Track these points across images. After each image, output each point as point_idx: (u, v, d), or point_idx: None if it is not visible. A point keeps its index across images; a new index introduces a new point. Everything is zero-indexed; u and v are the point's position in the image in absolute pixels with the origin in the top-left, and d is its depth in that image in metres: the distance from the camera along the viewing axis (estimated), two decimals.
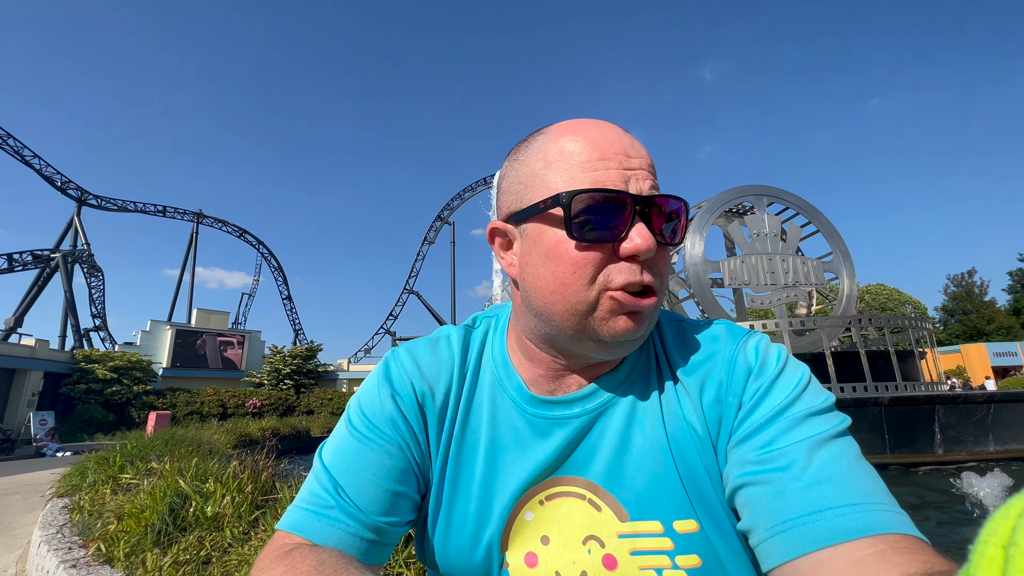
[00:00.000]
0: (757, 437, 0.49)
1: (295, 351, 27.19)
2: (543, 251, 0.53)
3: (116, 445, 5.41)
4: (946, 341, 37.10)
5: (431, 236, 34.86)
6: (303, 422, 14.65)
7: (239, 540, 2.39)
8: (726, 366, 0.55)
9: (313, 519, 0.53)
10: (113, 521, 2.74)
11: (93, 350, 22.79)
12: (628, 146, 0.52)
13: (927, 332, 10.17)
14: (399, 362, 0.63)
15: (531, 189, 0.54)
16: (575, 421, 0.57)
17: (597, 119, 0.55)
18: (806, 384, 0.52)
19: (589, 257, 0.50)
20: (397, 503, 0.56)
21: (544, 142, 0.54)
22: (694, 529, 0.51)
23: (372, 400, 0.61)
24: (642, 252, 0.49)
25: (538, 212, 0.52)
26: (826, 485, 0.44)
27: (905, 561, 0.37)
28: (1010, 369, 29.76)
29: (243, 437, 9.48)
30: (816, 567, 0.40)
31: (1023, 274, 39.84)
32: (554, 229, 0.52)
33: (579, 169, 0.51)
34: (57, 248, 26.81)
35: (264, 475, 2.86)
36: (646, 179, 0.51)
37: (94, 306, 27.55)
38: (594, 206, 0.49)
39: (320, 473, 0.57)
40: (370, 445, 0.57)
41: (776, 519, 0.44)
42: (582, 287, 0.51)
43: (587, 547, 0.54)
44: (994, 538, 0.15)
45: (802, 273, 11.09)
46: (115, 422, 19.75)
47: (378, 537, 0.54)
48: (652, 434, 0.55)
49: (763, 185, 11.90)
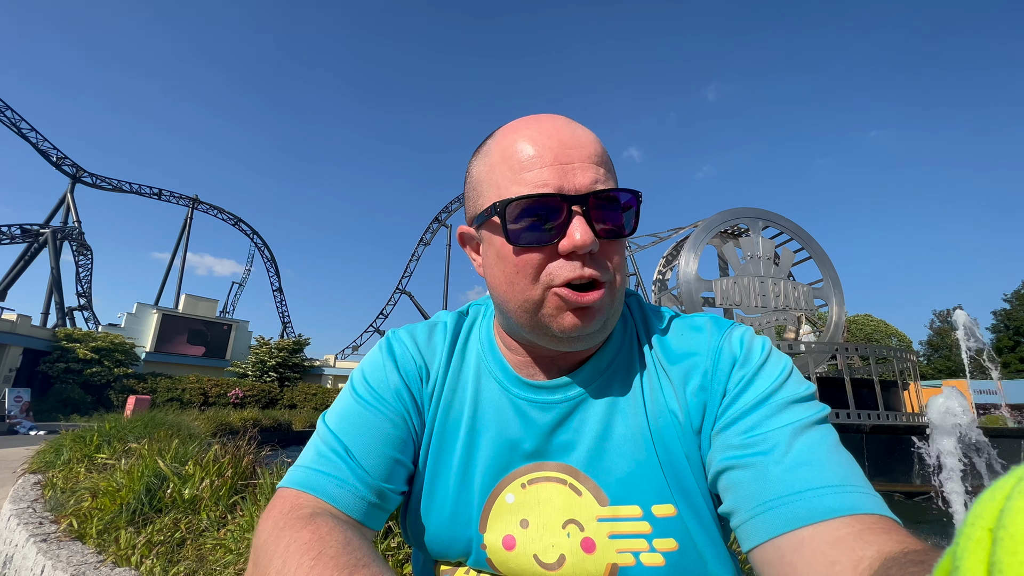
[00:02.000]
0: (741, 423, 0.51)
1: (282, 344, 26.92)
2: (494, 253, 0.55)
3: (94, 425, 5.32)
4: (929, 375, 37.56)
5: (427, 238, 34.87)
6: (285, 415, 14.46)
7: (215, 524, 2.36)
8: (711, 355, 0.56)
9: (323, 479, 0.53)
10: (87, 498, 2.69)
11: (76, 329, 22.43)
12: (567, 139, 0.52)
13: (911, 364, 10.30)
14: (400, 340, 0.65)
15: (481, 195, 0.56)
16: (558, 407, 0.58)
17: (542, 114, 0.55)
18: (789, 373, 0.54)
19: (530, 259, 0.52)
20: (396, 470, 0.57)
21: (489, 147, 0.56)
22: (672, 514, 0.53)
23: (377, 371, 0.62)
24: (579, 248, 0.49)
25: (486, 219, 0.54)
26: (806, 468, 0.45)
27: (881, 540, 0.39)
28: (990, 407, 30.18)
29: (223, 426, 9.34)
30: (796, 546, 0.42)
31: (1007, 314, 40.56)
32: (498, 235, 0.53)
33: (517, 171, 0.52)
34: (47, 224, 26.46)
35: (246, 460, 2.83)
36: (586, 172, 0.51)
37: (80, 285, 27.16)
38: (527, 210, 0.50)
39: (327, 436, 0.57)
40: (375, 412, 0.58)
41: (757, 500, 0.46)
42: (527, 287, 0.52)
43: (566, 531, 0.55)
44: (981, 520, 0.15)
45: (792, 298, 11.22)
46: (92, 404, 19.39)
47: (380, 501, 0.55)
48: (634, 421, 0.56)
49: (759, 208, 12.06)
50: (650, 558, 0.52)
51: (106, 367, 21.04)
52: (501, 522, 0.57)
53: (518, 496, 0.57)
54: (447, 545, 0.58)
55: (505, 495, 0.58)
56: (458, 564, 0.59)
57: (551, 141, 0.52)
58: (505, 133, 0.55)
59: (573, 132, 0.53)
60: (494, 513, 0.57)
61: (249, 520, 2.21)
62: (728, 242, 12.44)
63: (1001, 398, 30.73)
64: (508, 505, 0.57)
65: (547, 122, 0.54)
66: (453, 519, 0.58)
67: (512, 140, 0.54)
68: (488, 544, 0.57)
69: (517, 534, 0.56)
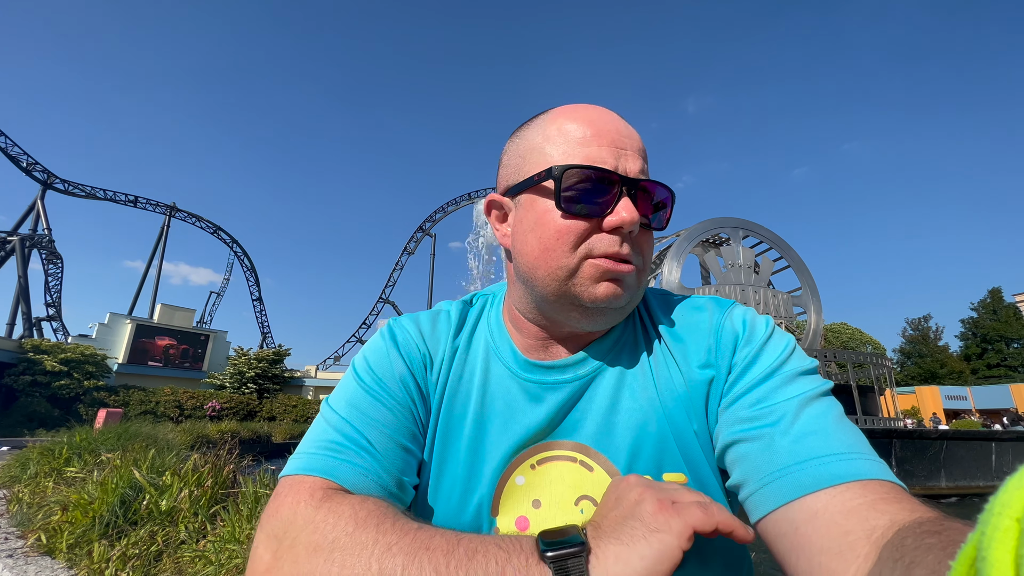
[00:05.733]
0: (749, 395, 0.52)
1: (261, 354, 26.29)
2: (533, 219, 0.56)
3: (63, 438, 5.10)
4: (902, 382, 38.62)
5: (411, 247, 34.67)
6: (265, 427, 14.11)
7: (194, 535, 2.28)
8: (714, 333, 0.57)
9: (344, 467, 0.49)
10: (57, 512, 2.57)
11: (44, 340, 21.59)
12: (622, 129, 0.56)
13: (887, 370, 10.58)
14: (404, 328, 0.64)
15: (528, 162, 0.57)
16: (567, 386, 0.58)
17: (595, 104, 0.59)
18: (793, 348, 0.55)
19: (573, 227, 0.53)
20: (409, 461, 0.55)
21: (545, 121, 0.58)
22: (683, 481, 0.53)
23: (382, 360, 0.61)
24: (626, 225, 0.52)
25: (533, 184, 0.55)
26: (812, 437, 0.46)
27: (893, 509, 0.39)
28: (960, 412, 31.09)
29: (201, 438, 9.05)
30: (810, 518, 0.42)
31: (974, 323, 42.06)
32: (545, 200, 0.54)
33: (574, 145, 0.54)
34: (15, 231, 25.56)
35: (227, 470, 2.74)
36: (636, 161, 0.54)
37: (49, 294, 26.21)
38: (584, 181, 0.52)
39: (339, 423, 0.54)
40: (383, 402, 0.56)
41: (765, 471, 0.46)
42: (564, 253, 0.53)
43: (579, 507, 0.54)
44: (1009, 509, 0.15)
45: (772, 306, 11.46)
46: (60, 418, 18.56)
47: (400, 492, 0.52)
48: (643, 395, 0.57)
49: (739, 218, 12.34)
50: None
51: (75, 380, 20.22)
52: (513, 504, 0.56)
53: (528, 477, 0.57)
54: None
55: (515, 477, 0.57)
56: None
57: (609, 126, 0.55)
58: (564, 111, 0.57)
59: (627, 125, 0.57)
60: (505, 496, 0.56)
61: (231, 531, 2.13)
62: (710, 251, 12.67)
63: (971, 403, 31.75)
64: (519, 487, 0.57)
65: (604, 111, 0.57)
66: (462, 505, 0.57)
67: (571, 118, 0.56)
68: (501, 528, 0.56)
69: (530, 515, 0.55)
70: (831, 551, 0.39)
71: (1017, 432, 8.64)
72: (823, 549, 0.39)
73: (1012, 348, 39.94)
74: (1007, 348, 40.04)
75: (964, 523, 0.34)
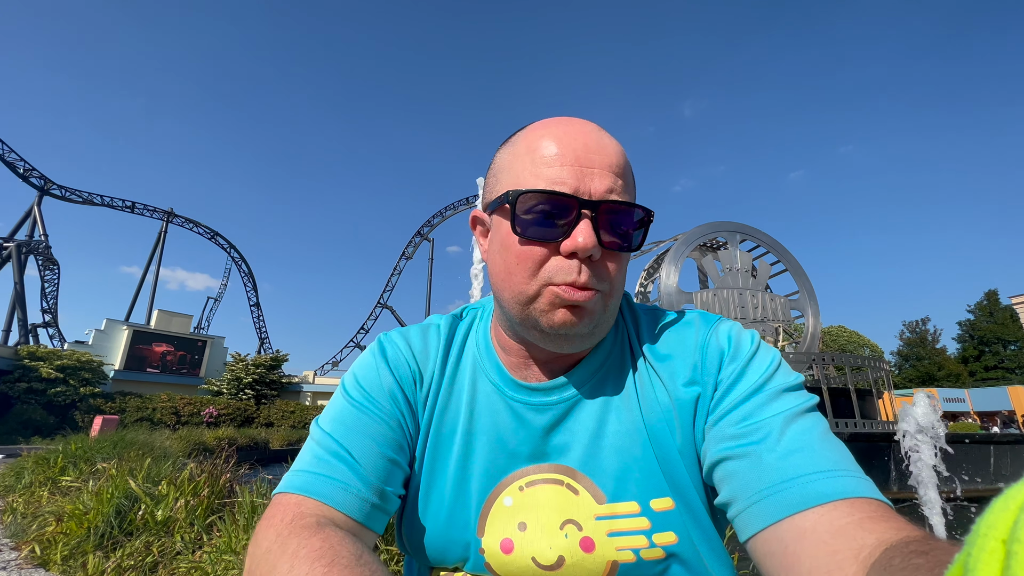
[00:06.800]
0: (735, 412, 0.52)
1: (259, 360, 26.16)
2: (499, 240, 0.56)
3: (59, 447, 5.06)
4: (900, 384, 38.63)
5: (409, 251, 34.69)
6: (262, 434, 14.04)
7: (190, 546, 2.26)
8: (699, 350, 0.57)
9: (324, 482, 0.52)
10: (51, 523, 2.55)
11: (40, 347, 21.46)
12: (591, 144, 0.52)
13: (884, 373, 10.58)
14: (393, 343, 0.65)
15: (500, 181, 0.57)
16: (552, 408, 0.58)
17: (574, 117, 0.57)
18: (778, 364, 0.56)
19: (532, 252, 0.52)
20: (394, 472, 0.56)
21: (517, 138, 0.57)
22: (670, 507, 0.54)
23: (370, 375, 0.61)
24: (580, 251, 0.50)
25: (498, 205, 0.55)
26: (798, 455, 0.46)
27: (880, 528, 0.39)
28: (958, 415, 31.12)
29: (197, 445, 9.01)
30: (799, 537, 0.42)
31: (971, 325, 42.17)
32: (508, 222, 0.54)
33: (539, 165, 0.52)
34: (12, 237, 25.49)
35: (223, 479, 2.72)
36: (604, 179, 0.51)
37: (45, 300, 26.14)
38: (539, 205, 0.51)
39: (323, 439, 0.56)
40: (370, 415, 0.57)
41: (753, 489, 0.46)
42: (524, 279, 0.53)
43: (564, 531, 0.55)
44: (994, 531, 0.15)
45: (770, 309, 11.48)
46: (56, 425, 18.46)
47: (381, 502, 0.54)
48: (628, 418, 0.57)
49: (736, 222, 12.37)
50: (650, 553, 0.52)
51: (71, 386, 20.08)
52: (499, 525, 0.56)
53: (516, 499, 0.57)
54: (444, 550, 0.57)
55: (503, 498, 0.57)
56: (455, 569, 0.58)
57: (576, 143, 0.52)
58: (534, 128, 0.56)
59: (599, 139, 0.54)
60: (492, 516, 0.57)
61: (227, 541, 2.12)
62: (707, 255, 12.69)
63: (969, 406, 31.80)
64: (506, 508, 0.57)
65: (576, 125, 0.54)
66: (450, 523, 0.57)
67: (539, 135, 0.54)
68: (486, 548, 0.56)
69: (515, 537, 0.56)
70: (820, 570, 0.39)
71: (1014, 435, 8.66)
72: (812, 569, 0.40)
73: (1009, 350, 40.04)
74: (1004, 350, 40.15)
75: (951, 543, 0.35)
